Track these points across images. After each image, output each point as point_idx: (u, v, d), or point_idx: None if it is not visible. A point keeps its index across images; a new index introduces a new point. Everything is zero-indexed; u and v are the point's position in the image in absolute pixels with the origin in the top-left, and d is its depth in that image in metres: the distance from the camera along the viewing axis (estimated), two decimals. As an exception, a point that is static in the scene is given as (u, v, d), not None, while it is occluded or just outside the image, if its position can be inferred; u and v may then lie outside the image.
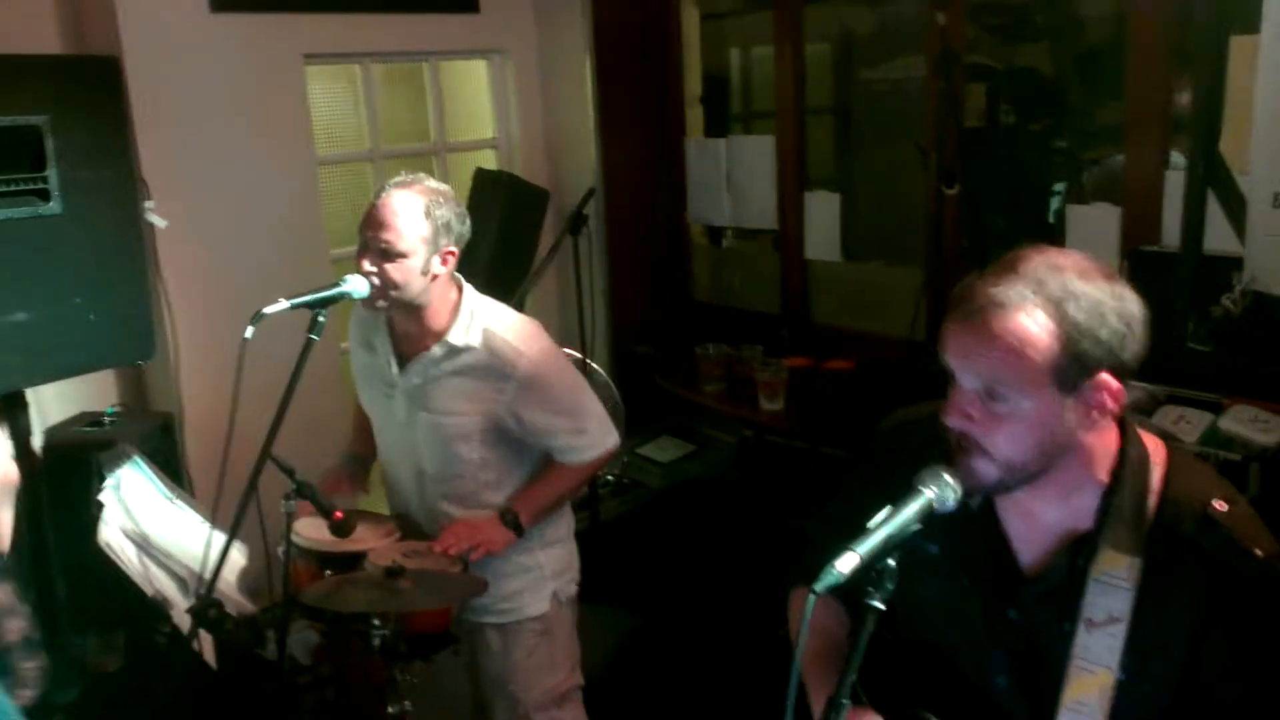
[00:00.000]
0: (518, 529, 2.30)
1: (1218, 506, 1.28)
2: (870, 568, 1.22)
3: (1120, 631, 1.27)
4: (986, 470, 1.27)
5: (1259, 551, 1.26)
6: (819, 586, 1.18)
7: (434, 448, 2.29)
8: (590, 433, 2.33)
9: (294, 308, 2.10)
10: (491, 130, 4.19)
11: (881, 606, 1.23)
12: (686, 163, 4.16)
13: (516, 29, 4.07)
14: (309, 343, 2.11)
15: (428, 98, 4.00)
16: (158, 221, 3.10)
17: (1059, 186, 3.57)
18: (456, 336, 2.23)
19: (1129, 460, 1.32)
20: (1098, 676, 1.28)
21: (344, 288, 2.15)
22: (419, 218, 2.14)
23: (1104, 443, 1.31)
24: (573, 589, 2.49)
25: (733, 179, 3.98)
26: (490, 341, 2.23)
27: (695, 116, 4.29)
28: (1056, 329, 1.21)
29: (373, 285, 2.15)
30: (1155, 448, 1.35)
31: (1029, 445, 1.25)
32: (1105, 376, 1.24)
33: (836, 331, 3.79)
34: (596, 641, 2.88)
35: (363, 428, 2.59)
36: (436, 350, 2.24)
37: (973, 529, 1.39)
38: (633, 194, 4.20)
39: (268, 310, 2.06)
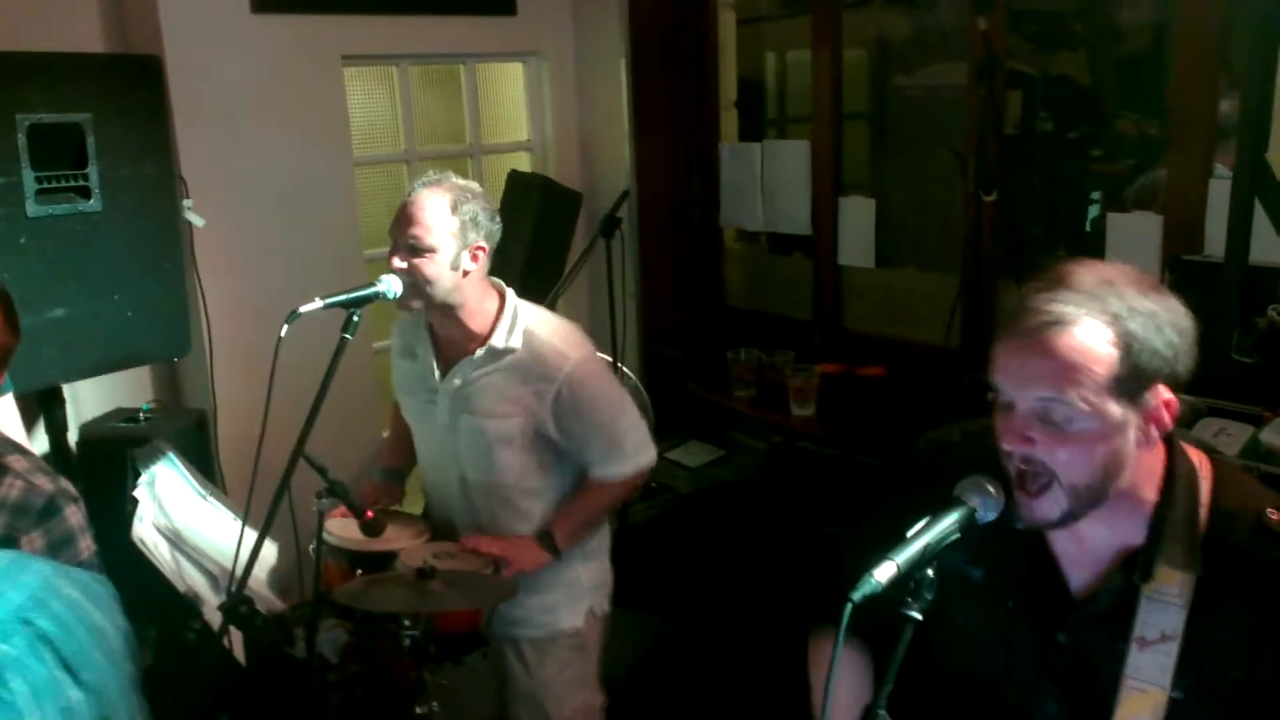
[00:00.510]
0: (554, 550, 2.29)
1: (1272, 516, 1.26)
2: (909, 578, 1.20)
3: (1173, 650, 1.25)
4: (1054, 503, 1.24)
5: None
6: (857, 595, 1.16)
7: (476, 452, 2.28)
8: (626, 448, 2.30)
9: (328, 307, 2.11)
10: (526, 132, 4.19)
11: (919, 616, 1.21)
12: (720, 167, 4.15)
13: (553, 32, 4.08)
14: (343, 342, 2.12)
15: (463, 99, 4.02)
16: (196, 220, 3.13)
17: (1096, 195, 3.53)
18: (499, 339, 2.23)
19: (1178, 475, 1.30)
20: (1150, 696, 1.26)
21: (378, 288, 2.16)
22: (445, 213, 2.15)
23: (1153, 459, 1.29)
24: (607, 605, 2.48)
25: (766, 183, 3.96)
26: (532, 344, 2.23)
27: (730, 121, 4.27)
28: (1117, 342, 1.20)
29: (404, 283, 2.16)
30: (1200, 461, 1.33)
31: (1094, 465, 1.23)
32: (1162, 389, 1.23)
33: (869, 338, 3.76)
34: (624, 646, 2.87)
35: (398, 441, 2.60)
36: (479, 354, 2.24)
37: (1018, 553, 1.37)
38: (666, 197, 4.19)
39: (303, 309, 2.06)
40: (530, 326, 2.24)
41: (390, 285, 2.17)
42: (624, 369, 3.65)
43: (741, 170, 4.04)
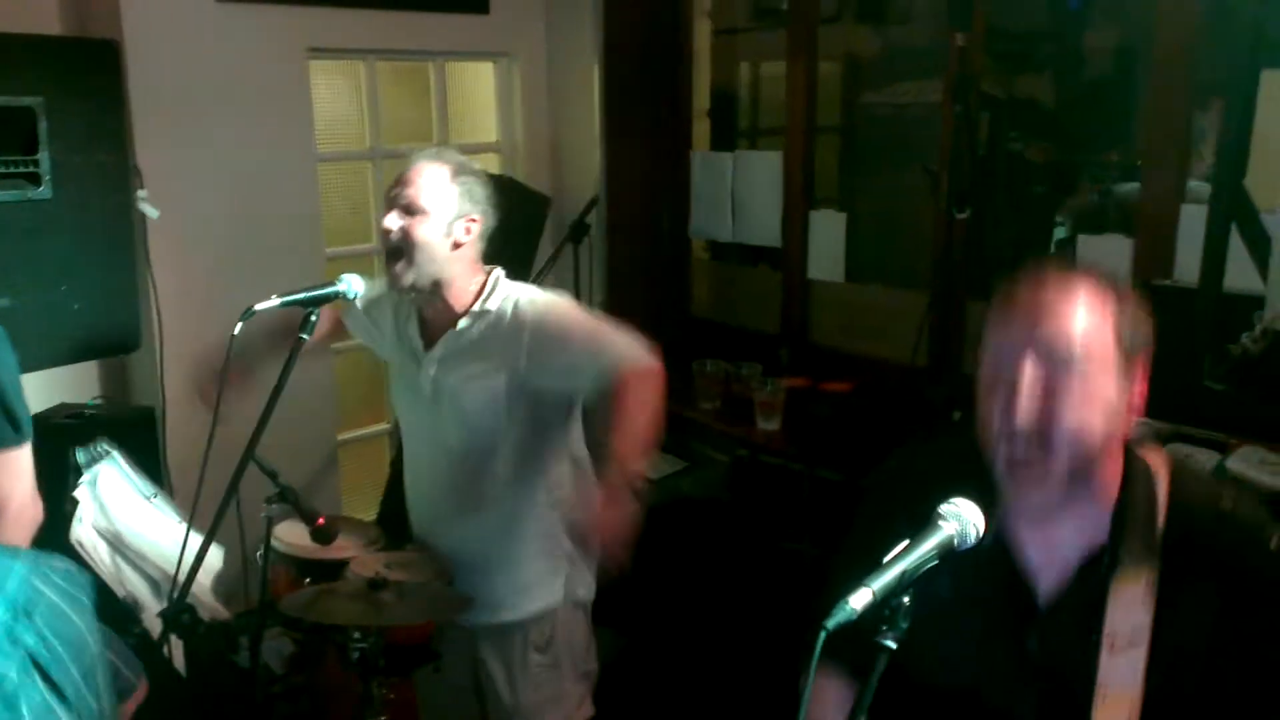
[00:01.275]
0: (631, 487, 2.07)
1: (1227, 503, 1.30)
2: (884, 604, 1.16)
3: (1141, 653, 1.26)
4: (1051, 485, 1.26)
5: (1274, 541, 1.27)
6: (831, 623, 1.11)
7: (460, 420, 2.22)
8: (612, 349, 2.17)
9: (285, 305, 2.04)
10: (495, 134, 4.13)
11: (894, 646, 1.17)
12: (691, 176, 4.11)
13: (525, 33, 4.02)
14: (299, 342, 2.05)
15: (431, 98, 3.95)
16: (150, 211, 3.03)
17: (1061, 218, 3.54)
18: (478, 305, 2.20)
19: (1136, 473, 1.32)
20: (1124, 699, 1.26)
21: (338, 287, 2.10)
22: (444, 179, 2.14)
23: (1114, 456, 1.32)
24: (584, 593, 2.39)
25: (737, 194, 3.93)
26: (508, 301, 2.21)
27: (702, 130, 4.24)
28: (1116, 310, 1.25)
29: (392, 246, 2.12)
30: (1156, 459, 1.35)
31: (1097, 428, 1.25)
32: (1141, 368, 1.28)
33: (836, 353, 3.73)
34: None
35: None
36: (463, 322, 2.20)
37: (984, 564, 1.32)
38: (636, 205, 4.14)
39: (258, 307, 2.00)
40: (512, 294, 2.22)
41: (350, 284, 2.11)
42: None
43: (712, 180, 4.01)
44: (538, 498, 2.27)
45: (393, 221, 2.12)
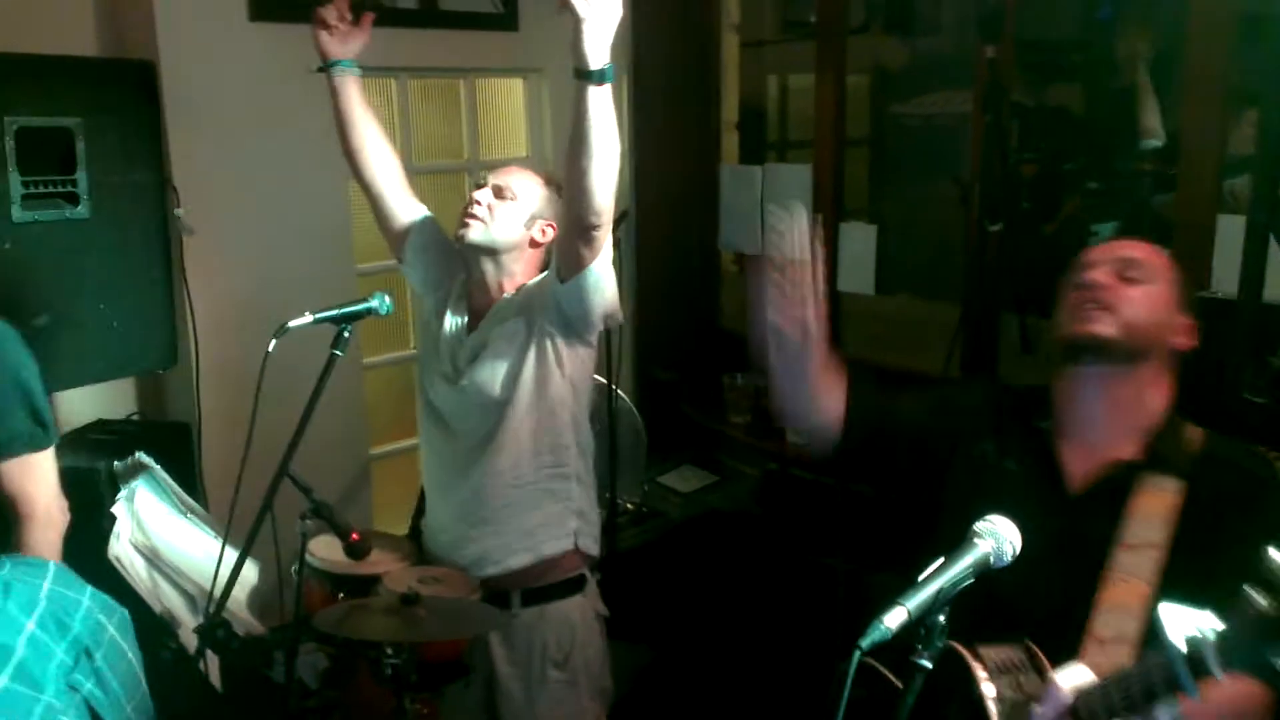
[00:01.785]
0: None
1: (1262, 449, 1.68)
2: (920, 623, 1.15)
3: (1154, 555, 1.45)
4: (1108, 327, 1.52)
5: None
6: (865, 643, 1.11)
7: (481, 376, 2.25)
8: None
9: (318, 322, 2.06)
10: (526, 149, 4.15)
11: (929, 665, 1.16)
12: (720, 189, 4.11)
13: (554, 49, 3.99)
14: (332, 358, 2.06)
15: (462, 114, 3.97)
16: (187, 229, 3.06)
17: (1096, 227, 3.51)
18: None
19: (1175, 421, 1.57)
20: (1133, 585, 1.44)
21: (370, 303, 2.11)
22: (538, 180, 2.32)
23: (1164, 388, 1.58)
24: (593, 546, 2.38)
25: (766, 207, 3.92)
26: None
27: (731, 143, 4.24)
28: (1170, 261, 1.62)
29: (475, 221, 2.25)
30: (1194, 427, 1.59)
31: (1150, 314, 1.54)
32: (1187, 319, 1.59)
33: (868, 365, 3.71)
34: (612, 675, 2.80)
35: None
36: (505, 297, 2.30)
37: (1030, 445, 1.64)
38: (665, 218, 4.15)
39: (292, 324, 2.01)
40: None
41: (383, 301, 2.12)
42: (618, 392, 3.59)
43: (741, 193, 4.00)
44: (544, 458, 2.29)
45: (484, 196, 2.27)
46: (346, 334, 2.08)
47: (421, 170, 3.84)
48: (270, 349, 1.96)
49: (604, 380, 3.49)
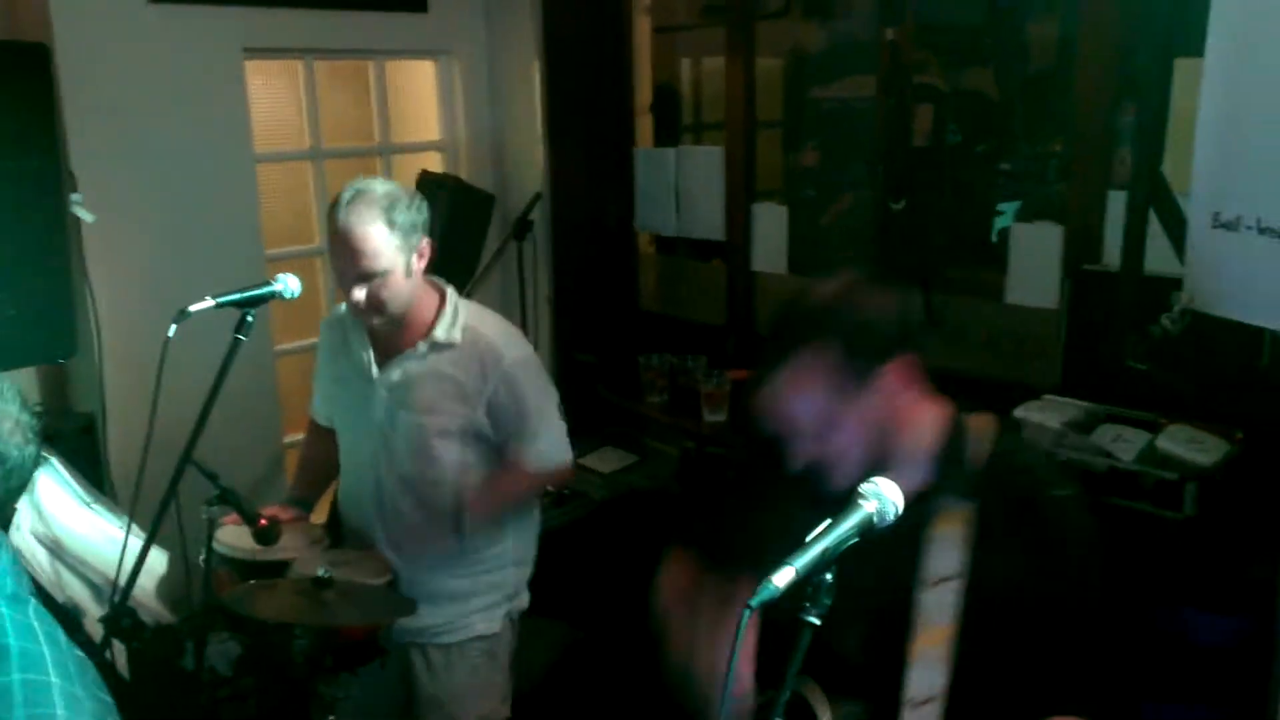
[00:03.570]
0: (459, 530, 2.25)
1: (1032, 460, 1.52)
2: (806, 582, 1.19)
3: (955, 587, 1.41)
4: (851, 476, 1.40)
5: (1057, 491, 1.46)
6: (754, 601, 1.15)
7: (413, 449, 2.24)
8: (548, 440, 2.30)
9: (220, 306, 2.03)
10: (437, 132, 4.12)
11: (817, 621, 1.20)
12: (635, 171, 4.13)
13: (465, 30, 4.02)
14: (235, 343, 2.04)
15: (372, 97, 3.93)
16: (85, 215, 2.99)
17: (1003, 206, 3.61)
18: (441, 333, 2.21)
19: (959, 429, 1.50)
20: (940, 629, 1.41)
21: (274, 286, 2.09)
22: (384, 233, 2.09)
23: (927, 417, 1.50)
24: (522, 608, 2.44)
25: (681, 189, 3.96)
26: (474, 340, 2.22)
27: (645, 126, 4.26)
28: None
29: (375, 314, 2.15)
30: (984, 424, 1.52)
31: (866, 440, 1.45)
32: (893, 368, 1.44)
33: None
34: (535, 653, 2.82)
35: (309, 470, 2.54)
36: (421, 347, 2.21)
37: (812, 507, 1.45)
38: (580, 201, 4.16)
39: (192, 308, 1.98)
40: (470, 322, 2.24)
41: (287, 284, 2.10)
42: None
43: (656, 175, 4.03)
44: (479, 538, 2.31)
45: (359, 294, 2.11)
46: (250, 318, 2.05)
47: (330, 154, 3.80)
48: (170, 334, 1.94)
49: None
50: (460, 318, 2.23)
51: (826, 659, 1.43)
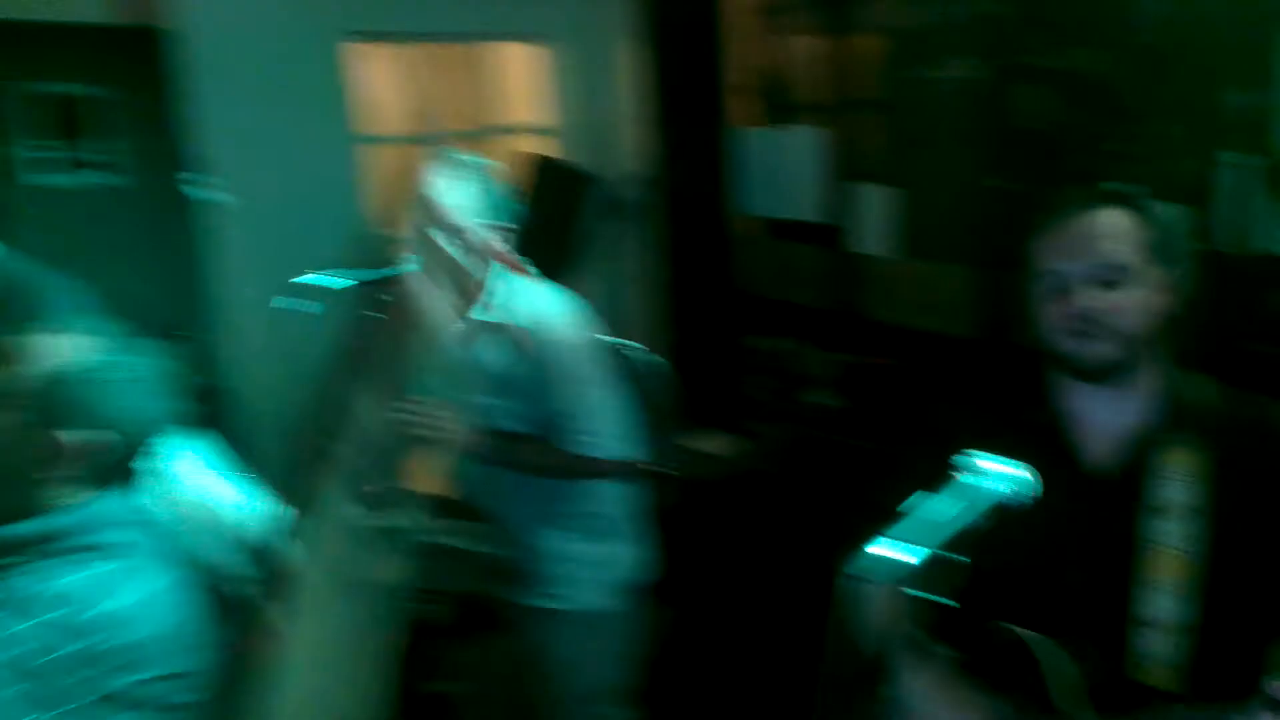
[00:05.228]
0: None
1: (1252, 396, 1.46)
2: (942, 561, 1.18)
3: (1189, 518, 1.38)
4: (1103, 350, 1.42)
5: None
6: (886, 579, 1.14)
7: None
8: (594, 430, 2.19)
9: (360, 284, 2.04)
10: (539, 115, 4.15)
11: (954, 604, 1.19)
12: (740, 153, 4.11)
13: (571, 13, 4.03)
14: (367, 320, 2.06)
15: (478, 80, 3.97)
16: (221, 198, 3.08)
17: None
18: (496, 315, 2.16)
19: (1186, 375, 1.48)
20: (1172, 557, 1.39)
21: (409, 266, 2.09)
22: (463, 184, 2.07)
23: (1155, 358, 1.47)
24: (637, 583, 2.42)
25: (787, 171, 3.92)
26: (528, 329, 2.16)
27: (751, 107, 4.22)
28: (1139, 220, 1.44)
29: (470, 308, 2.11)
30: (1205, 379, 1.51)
31: (1138, 315, 1.43)
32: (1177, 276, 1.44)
33: (889, 328, 3.73)
34: (642, 630, 2.84)
35: None
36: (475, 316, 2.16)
37: (1036, 439, 1.46)
38: (685, 183, 4.15)
39: (301, 280, 2.00)
40: (522, 305, 2.19)
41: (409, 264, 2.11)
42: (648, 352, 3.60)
43: (761, 156, 4.01)
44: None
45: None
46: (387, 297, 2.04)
47: (436, 137, 3.83)
48: (305, 308, 1.96)
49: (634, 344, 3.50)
50: (509, 297, 2.19)
51: (1044, 599, 1.44)
